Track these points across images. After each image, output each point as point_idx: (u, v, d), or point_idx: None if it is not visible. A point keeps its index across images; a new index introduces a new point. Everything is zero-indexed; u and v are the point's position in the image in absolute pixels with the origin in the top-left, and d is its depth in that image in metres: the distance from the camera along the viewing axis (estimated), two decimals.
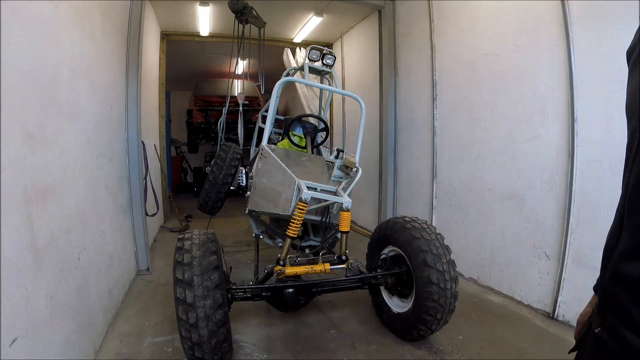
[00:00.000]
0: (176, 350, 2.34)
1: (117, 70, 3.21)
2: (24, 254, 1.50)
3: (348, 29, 6.03)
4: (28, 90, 1.57)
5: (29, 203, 1.55)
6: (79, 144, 2.19)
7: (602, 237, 0.67)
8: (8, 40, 1.40)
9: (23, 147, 1.52)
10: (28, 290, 1.51)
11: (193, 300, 1.84)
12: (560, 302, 2.73)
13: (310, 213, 2.40)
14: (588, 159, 2.56)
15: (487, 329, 2.68)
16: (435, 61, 4.00)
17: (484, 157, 3.42)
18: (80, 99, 2.23)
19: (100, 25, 2.66)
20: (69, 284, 1.92)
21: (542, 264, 2.90)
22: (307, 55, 2.98)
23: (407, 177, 4.70)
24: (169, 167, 8.84)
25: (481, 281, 3.50)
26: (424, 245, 2.30)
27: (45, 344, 1.63)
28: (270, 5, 4.76)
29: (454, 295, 2.28)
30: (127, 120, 3.47)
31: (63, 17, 1.97)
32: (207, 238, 2.15)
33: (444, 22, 3.89)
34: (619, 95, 2.34)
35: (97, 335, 2.33)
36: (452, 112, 3.82)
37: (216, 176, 3.63)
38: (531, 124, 2.96)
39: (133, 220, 3.54)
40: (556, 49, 2.72)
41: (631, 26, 2.25)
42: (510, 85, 3.14)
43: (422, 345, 2.45)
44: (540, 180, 2.90)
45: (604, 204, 2.47)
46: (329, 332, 2.66)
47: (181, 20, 5.51)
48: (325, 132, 3.30)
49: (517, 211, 3.10)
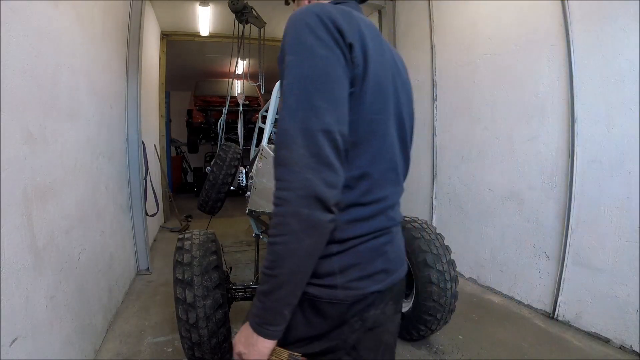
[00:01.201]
0: (176, 350, 2.34)
1: (117, 70, 3.21)
2: (24, 254, 1.50)
3: None
4: (28, 90, 1.57)
5: (29, 203, 1.55)
6: (79, 144, 2.19)
7: (602, 237, 0.66)
8: (8, 40, 1.40)
9: (23, 147, 1.52)
10: (28, 290, 1.51)
11: (193, 300, 1.84)
12: (560, 302, 2.73)
13: None
14: (588, 159, 2.56)
15: (487, 329, 2.68)
16: (435, 61, 4.00)
17: (484, 157, 3.42)
18: (80, 99, 2.23)
19: (101, 25, 2.66)
20: (69, 284, 1.92)
21: (542, 264, 2.90)
22: None
23: (407, 177, 4.69)
24: (169, 167, 8.85)
25: (481, 281, 3.50)
26: (424, 245, 2.30)
27: (45, 344, 1.62)
28: (270, 5, 4.75)
29: (454, 295, 2.28)
30: (127, 120, 3.47)
31: (63, 17, 1.97)
32: (207, 238, 2.14)
33: (444, 22, 3.89)
34: (619, 95, 2.35)
35: (97, 335, 2.33)
36: (452, 112, 3.82)
37: (216, 176, 3.63)
38: (531, 124, 2.96)
39: (133, 220, 3.54)
40: (556, 49, 2.72)
41: (631, 26, 2.25)
42: (510, 85, 3.14)
43: (422, 345, 2.45)
44: (540, 180, 2.90)
45: (604, 204, 2.47)
46: None
47: (181, 20, 5.51)
48: None
49: (517, 211, 3.10)
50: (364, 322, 0.80)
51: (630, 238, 2.31)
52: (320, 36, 0.69)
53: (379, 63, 0.76)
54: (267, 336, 0.71)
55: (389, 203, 0.83)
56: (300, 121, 0.66)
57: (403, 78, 0.89)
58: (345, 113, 0.69)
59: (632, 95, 2.26)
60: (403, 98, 0.86)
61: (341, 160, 0.68)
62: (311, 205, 0.64)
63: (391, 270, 0.83)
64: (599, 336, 2.48)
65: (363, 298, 0.78)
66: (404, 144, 0.88)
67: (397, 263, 0.86)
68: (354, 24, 0.73)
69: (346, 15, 0.73)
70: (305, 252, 0.67)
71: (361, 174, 0.75)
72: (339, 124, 0.67)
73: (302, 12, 0.72)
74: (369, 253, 0.79)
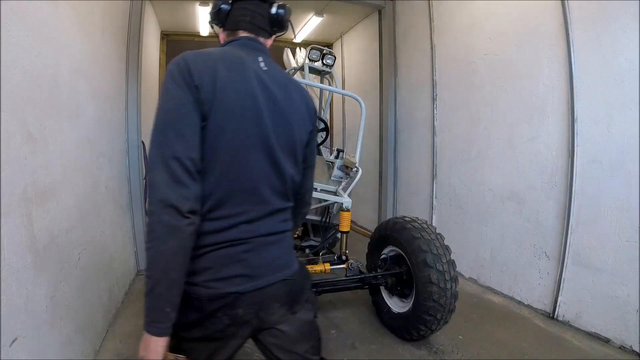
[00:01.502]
0: None
1: (117, 70, 3.21)
2: (24, 254, 1.50)
3: (348, 29, 6.03)
4: (28, 90, 1.57)
5: (29, 203, 1.55)
6: (79, 144, 2.19)
7: (602, 237, 0.66)
8: (8, 40, 1.40)
9: (23, 147, 1.52)
10: (28, 290, 1.50)
11: None
12: (561, 302, 2.73)
13: (311, 213, 2.41)
14: (588, 159, 2.56)
15: (487, 329, 2.68)
16: (435, 61, 4.00)
17: (484, 157, 3.42)
18: (80, 99, 2.23)
19: (100, 25, 2.66)
20: (69, 284, 1.91)
21: (542, 264, 2.90)
22: (307, 55, 2.98)
23: (407, 177, 4.70)
24: None
25: (481, 281, 3.50)
26: (424, 245, 2.30)
27: (45, 344, 1.62)
28: None
29: (454, 295, 2.28)
30: (127, 120, 3.47)
31: (63, 17, 1.97)
32: None
33: (444, 22, 3.89)
34: (619, 95, 2.35)
35: (97, 335, 2.33)
36: (452, 112, 3.82)
37: None
38: (531, 124, 2.96)
39: (133, 220, 3.54)
40: (556, 49, 2.72)
41: (631, 26, 2.25)
42: (510, 85, 3.14)
43: (422, 345, 2.45)
44: (540, 180, 2.90)
45: (604, 204, 2.47)
46: (329, 332, 2.65)
47: (181, 20, 5.52)
48: (325, 132, 3.30)
49: (517, 211, 3.10)
50: (234, 318, 0.96)
51: (630, 238, 2.31)
52: (177, 80, 0.87)
53: (234, 98, 0.91)
54: (156, 334, 0.86)
55: (244, 219, 0.96)
56: (159, 149, 0.85)
57: (281, 104, 1.00)
58: (193, 142, 0.86)
59: (632, 95, 2.26)
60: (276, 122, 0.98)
61: (193, 178, 0.86)
62: (170, 213, 0.82)
63: (255, 276, 0.97)
64: (599, 336, 2.48)
65: (221, 297, 0.94)
66: (276, 164, 0.99)
67: (265, 270, 0.99)
68: (209, 68, 0.90)
69: (204, 61, 0.92)
70: (171, 252, 0.84)
71: (207, 194, 0.91)
72: (188, 151, 0.85)
73: (172, 61, 0.92)
74: (223, 259, 0.94)
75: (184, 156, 0.84)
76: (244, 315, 0.97)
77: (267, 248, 1.01)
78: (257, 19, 1.07)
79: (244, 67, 0.96)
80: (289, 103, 1.02)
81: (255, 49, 1.04)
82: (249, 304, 0.97)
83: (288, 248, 1.08)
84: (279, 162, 0.99)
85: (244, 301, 0.96)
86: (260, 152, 0.96)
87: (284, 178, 1.02)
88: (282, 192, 1.03)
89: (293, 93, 1.04)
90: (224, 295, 0.94)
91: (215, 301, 0.93)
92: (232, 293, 0.94)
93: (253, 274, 0.97)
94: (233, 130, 0.91)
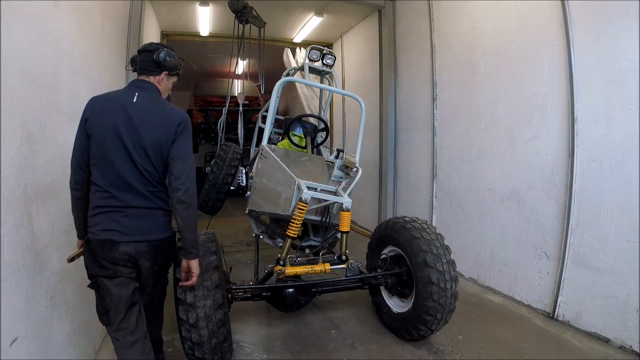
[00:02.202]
0: (176, 350, 2.34)
1: (117, 70, 3.20)
2: (24, 254, 1.50)
3: (348, 29, 6.03)
4: (28, 90, 1.57)
5: (29, 203, 1.55)
6: None
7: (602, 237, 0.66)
8: (8, 40, 1.40)
9: (23, 147, 1.52)
10: (28, 290, 1.51)
11: (193, 301, 1.84)
12: (560, 302, 2.73)
13: (311, 213, 2.40)
14: (588, 159, 2.56)
15: (487, 329, 2.68)
16: (435, 61, 4.00)
17: (484, 157, 3.42)
18: (80, 98, 2.22)
19: (101, 25, 2.66)
20: (69, 284, 1.92)
21: (542, 264, 2.90)
22: (307, 55, 2.98)
23: (407, 177, 4.70)
24: None
25: (481, 281, 3.50)
26: (424, 245, 2.30)
27: (45, 344, 1.63)
28: (270, 5, 4.76)
29: (454, 295, 2.28)
30: None
31: (63, 17, 1.97)
32: (207, 238, 2.14)
33: (444, 22, 3.89)
34: (619, 95, 2.35)
35: (97, 335, 2.33)
36: (452, 112, 3.82)
37: (216, 176, 3.63)
38: (531, 124, 2.96)
39: None
40: (556, 49, 2.72)
41: (631, 26, 2.25)
42: (510, 85, 3.14)
43: (422, 345, 2.46)
44: (540, 180, 2.90)
45: (604, 204, 2.47)
46: (329, 332, 2.66)
47: (181, 20, 5.52)
48: (325, 132, 3.29)
49: (517, 211, 3.10)
50: (112, 260, 1.53)
51: (630, 238, 2.31)
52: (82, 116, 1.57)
53: (104, 126, 1.52)
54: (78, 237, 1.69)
55: (119, 195, 1.54)
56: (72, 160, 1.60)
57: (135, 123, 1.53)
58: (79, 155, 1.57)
59: (632, 95, 2.26)
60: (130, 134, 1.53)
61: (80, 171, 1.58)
62: (70, 185, 1.59)
63: (126, 233, 1.54)
64: (599, 336, 2.48)
65: (103, 242, 1.52)
66: (135, 165, 1.54)
67: (134, 232, 1.56)
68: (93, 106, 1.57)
69: (97, 100, 1.59)
70: (72, 204, 1.63)
71: (94, 179, 1.56)
72: (76, 160, 1.57)
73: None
74: (104, 218, 1.54)
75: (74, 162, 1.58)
76: (119, 259, 1.53)
77: (136, 217, 1.57)
78: (145, 64, 1.65)
79: (114, 101, 1.56)
80: (142, 121, 1.54)
81: (137, 87, 1.63)
82: (122, 252, 1.53)
83: (155, 221, 1.62)
84: (134, 160, 1.53)
85: (118, 249, 1.53)
86: (122, 153, 1.53)
87: (139, 170, 1.55)
88: (142, 180, 1.56)
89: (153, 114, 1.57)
90: (104, 241, 1.52)
91: (100, 245, 1.53)
92: (109, 240, 1.52)
93: (125, 232, 1.54)
94: (102, 141, 1.52)
